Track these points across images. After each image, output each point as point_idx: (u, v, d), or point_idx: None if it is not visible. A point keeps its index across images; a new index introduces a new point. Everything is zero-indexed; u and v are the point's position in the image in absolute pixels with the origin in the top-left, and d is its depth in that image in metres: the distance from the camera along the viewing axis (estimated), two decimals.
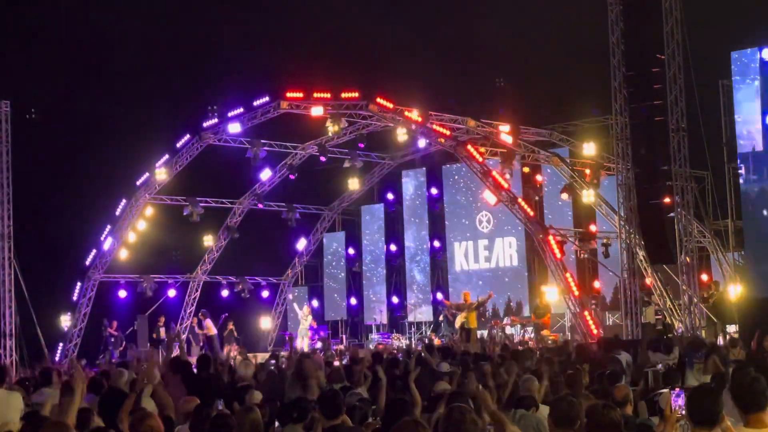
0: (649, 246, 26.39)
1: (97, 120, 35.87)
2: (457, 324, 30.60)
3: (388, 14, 35.80)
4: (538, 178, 34.76)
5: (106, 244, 34.51)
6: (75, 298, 34.53)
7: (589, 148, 32.79)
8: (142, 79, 35.71)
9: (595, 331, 27.27)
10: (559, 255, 28.63)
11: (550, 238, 28.79)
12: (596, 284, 33.80)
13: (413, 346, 29.83)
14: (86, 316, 34.47)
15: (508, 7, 35.46)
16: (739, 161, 27.07)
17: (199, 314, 34.28)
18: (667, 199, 25.68)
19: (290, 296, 38.26)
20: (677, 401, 7.58)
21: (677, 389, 7.86)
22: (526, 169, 33.87)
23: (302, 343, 33.12)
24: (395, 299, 38.65)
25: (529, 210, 29.50)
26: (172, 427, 10.01)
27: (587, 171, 32.03)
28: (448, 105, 32.26)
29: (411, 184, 38.73)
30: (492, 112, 32.73)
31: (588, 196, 31.08)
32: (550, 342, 28.40)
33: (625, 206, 26.69)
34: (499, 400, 10.84)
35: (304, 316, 34.69)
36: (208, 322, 33.50)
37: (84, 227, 34.83)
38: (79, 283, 34.64)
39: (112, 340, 33.60)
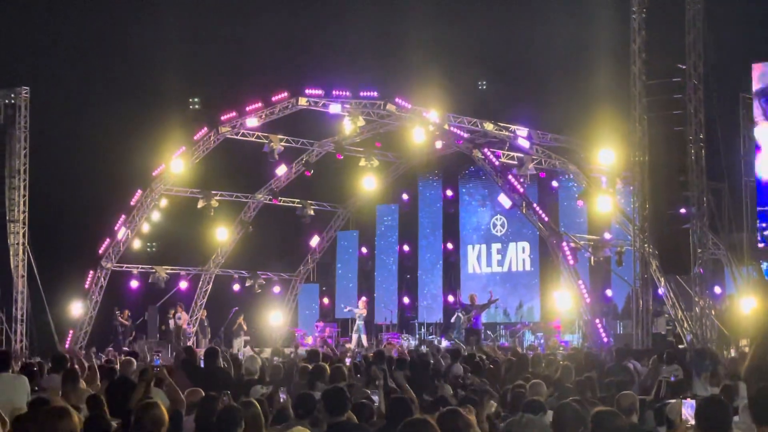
0: (663, 256, 26.28)
1: (116, 109, 35.90)
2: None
3: (411, 14, 35.68)
4: (554, 183, 34.64)
5: (120, 234, 34.52)
6: (87, 286, 34.56)
7: (606, 156, 32.49)
8: (160, 72, 35.71)
9: (605, 340, 27.16)
10: (572, 261, 28.52)
11: (564, 244, 28.69)
12: (608, 292, 33.63)
13: (421, 347, 29.79)
14: (97, 304, 34.48)
15: (531, 13, 35.43)
16: None
17: (177, 306, 35.05)
18: (682, 210, 25.57)
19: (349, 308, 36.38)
20: (688, 411, 7.55)
21: (688, 399, 7.84)
22: (542, 175, 33.76)
23: (363, 340, 33.58)
24: (406, 299, 38.57)
25: (543, 215, 29.40)
26: (181, 420, 10.02)
27: (603, 178, 31.83)
28: (466, 108, 32.16)
29: (426, 185, 38.66)
30: (510, 116, 32.59)
31: (603, 203, 30.76)
32: (561, 349, 28.30)
33: (640, 215, 26.56)
34: (504, 404, 10.80)
35: (360, 313, 34.62)
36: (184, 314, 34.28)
37: (98, 216, 34.83)
38: (91, 272, 34.65)
39: (122, 329, 33.68)
